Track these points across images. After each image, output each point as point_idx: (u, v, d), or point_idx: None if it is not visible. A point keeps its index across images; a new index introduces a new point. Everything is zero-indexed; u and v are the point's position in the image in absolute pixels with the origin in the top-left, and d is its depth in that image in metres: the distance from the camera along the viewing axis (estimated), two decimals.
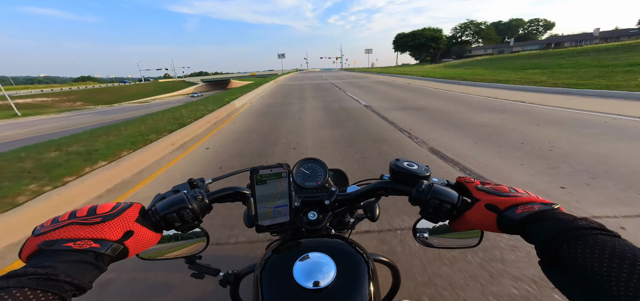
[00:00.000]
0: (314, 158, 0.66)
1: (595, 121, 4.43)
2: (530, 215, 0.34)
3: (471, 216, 0.40)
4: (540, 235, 0.31)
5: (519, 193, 0.38)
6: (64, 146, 3.90)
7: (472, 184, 0.43)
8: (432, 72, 21.15)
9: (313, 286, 0.39)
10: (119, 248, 0.35)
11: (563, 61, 18.97)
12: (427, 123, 4.97)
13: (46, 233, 0.32)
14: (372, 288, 0.42)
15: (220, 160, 3.53)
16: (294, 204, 0.51)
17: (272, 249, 0.50)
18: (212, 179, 0.55)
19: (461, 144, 3.65)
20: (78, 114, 28.85)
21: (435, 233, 0.53)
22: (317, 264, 0.42)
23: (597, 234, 0.27)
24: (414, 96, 9.02)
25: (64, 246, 0.31)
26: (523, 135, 3.87)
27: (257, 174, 0.44)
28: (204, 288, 1.39)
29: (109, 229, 0.34)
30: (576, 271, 0.26)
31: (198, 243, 0.55)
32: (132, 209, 0.38)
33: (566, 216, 0.31)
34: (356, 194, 0.55)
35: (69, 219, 0.34)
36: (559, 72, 13.46)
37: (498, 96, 7.86)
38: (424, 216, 0.46)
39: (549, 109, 5.65)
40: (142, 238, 0.38)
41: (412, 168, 0.49)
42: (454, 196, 0.43)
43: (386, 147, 3.66)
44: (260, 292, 0.43)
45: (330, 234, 0.56)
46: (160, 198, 0.44)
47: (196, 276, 0.60)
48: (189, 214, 0.41)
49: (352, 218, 0.72)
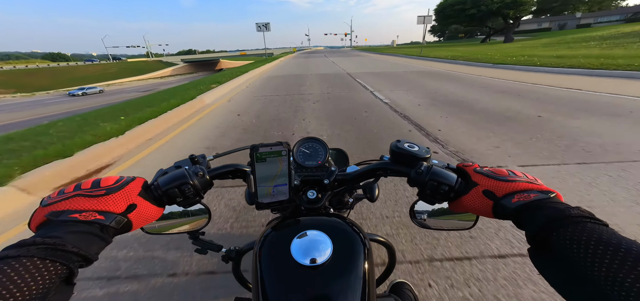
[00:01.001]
0: (314, 137, 0.66)
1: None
2: (525, 204, 0.34)
3: (468, 201, 0.41)
4: (532, 223, 0.32)
5: (518, 177, 0.38)
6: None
7: (471, 168, 0.43)
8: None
9: (310, 263, 0.40)
10: (123, 221, 0.35)
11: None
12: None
13: (53, 203, 0.33)
14: (366, 267, 0.43)
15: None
16: (294, 182, 0.52)
17: (271, 226, 0.51)
18: (213, 155, 0.56)
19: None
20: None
21: (432, 215, 0.55)
22: (314, 242, 0.43)
23: (586, 222, 0.28)
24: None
25: (70, 217, 0.31)
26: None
27: (257, 152, 0.43)
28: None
29: (113, 202, 0.35)
30: (563, 258, 0.27)
31: (200, 219, 0.57)
32: (135, 183, 0.39)
33: (559, 205, 0.32)
34: (355, 175, 0.56)
35: (74, 191, 0.35)
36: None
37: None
38: (422, 198, 0.46)
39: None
40: (145, 212, 0.39)
41: (412, 149, 0.49)
42: (452, 179, 0.43)
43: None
44: (259, 268, 0.44)
45: (329, 213, 0.57)
46: (162, 173, 0.45)
47: (199, 251, 0.63)
48: (190, 190, 0.42)
49: (351, 198, 0.73)
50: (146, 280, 1.38)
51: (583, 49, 17.14)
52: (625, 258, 0.23)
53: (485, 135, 3.31)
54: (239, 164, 0.52)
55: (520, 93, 5.79)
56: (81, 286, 1.34)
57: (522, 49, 21.01)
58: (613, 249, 0.24)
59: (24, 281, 0.24)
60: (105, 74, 51.26)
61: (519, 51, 18.25)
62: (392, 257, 0.74)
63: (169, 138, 3.69)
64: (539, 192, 0.35)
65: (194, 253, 0.68)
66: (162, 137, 3.70)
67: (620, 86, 5.91)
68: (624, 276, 0.22)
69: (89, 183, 0.36)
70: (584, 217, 0.29)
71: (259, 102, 5.79)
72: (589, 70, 7.95)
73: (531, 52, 16.92)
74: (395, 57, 24.00)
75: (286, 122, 4.23)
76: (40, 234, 0.30)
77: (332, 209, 0.62)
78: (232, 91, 7.36)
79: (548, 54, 13.90)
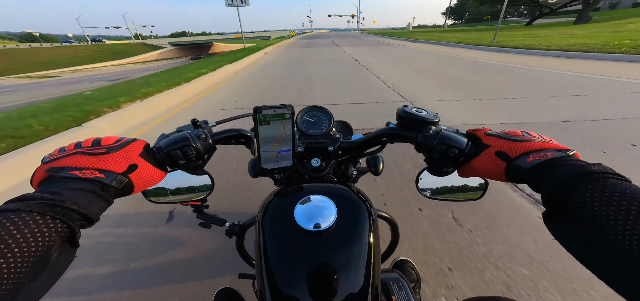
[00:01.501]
0: (319, 106, 0.64)
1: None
2: (542, 163, 0.32)
3: (478, 164, 0.39)
4: (550, 182, 0.30)
5: (533, 137, 0.36)
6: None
7: (482, 131, 0.41)
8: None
9: (314, 228, 0.39)
10: (124, 181, 0.34)
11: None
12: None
13: (54, 160, 0.32)
14: (372, 238, 0.42)
15: None
16: (298, 149, 0.51)
17: (274, 193, 0.50)
18: (216, 121, 0.54)
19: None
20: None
21: (438, 185, 0.53)
22: (318, 207, 0.42)
23: (608, 178, 0.26)
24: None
25: (70, 174, 0.30)
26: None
27: (260, 114, 0.42)
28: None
29: (113, 161, 0.34)
30: (582, 219, 0.25)
31: (203, 191, 0.56)
32: (136, 144, 0.38)
33: (579, 162, 0.30)
34: (360, 142, 0.55)
35: (74, 149, 0.34)
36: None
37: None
38: (429, 163, 0.46)
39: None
40: (146, 174, 0.37)
41: (420, 113, 0.48)
42: (463, 142, 0.41)
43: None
44: (262, 234, 0.43)
45: (333, 181, 0.56)
46: (164, 137, 0.44)
47: (203, 225, 0.64)
48: (192, 153, 0.42)
49: (355, 170, 0.72)
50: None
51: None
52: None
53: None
54: (242, 129, 0.51)
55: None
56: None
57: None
58: (637, 205, 0.22)
59: (23, 236, 0.23)
60: (74, 58, 43.66)
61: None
62: (396, 234, 0.74)
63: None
64: (555, 150, 0.33)
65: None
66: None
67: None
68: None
69: (89, 141, 0.35)
70: (606, 173, 0.27)
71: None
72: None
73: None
74: (441, 45, 14.68)
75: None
76: (41, 190, 0.28)
77: (336, 180, 0.60)
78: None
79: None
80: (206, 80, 6.04)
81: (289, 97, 4.68)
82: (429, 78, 5.93)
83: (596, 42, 9.45)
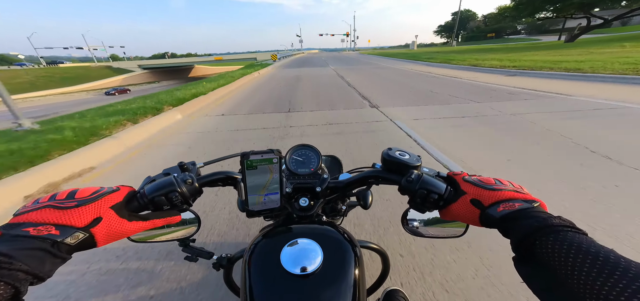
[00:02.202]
0: (307, 144, 0.65)
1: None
2: (510, 213, 0.35)
3: (456, 209, 0.42)
4: (516, 232, 0.33)
5: (503, 186, 0.40)
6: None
7: (460, 176, 0.44)
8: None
9: (300, 272, 0.40)
10: (81, 236, 0.33)
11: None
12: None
13: (22, 214, 0.32)
14: (357, 274, 0.43)
15: None
16: (285, 190, 0.53)
17: (261, 234, 0.50)
18: (203, 162, 0.55)
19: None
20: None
21: (423, 223, 0.55)
22: (305, 250, 0.43)
23: (567, 231, 0.29)
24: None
25: (22, 232, 0.30)
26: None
27: (248, 160, 0.43)
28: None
29: (77, 215, 0.33)
30: (545, 266, 0.28)
31: (190, 227, 0.55)
32: (116, 194, 0.38)
33: (542, 214, 0.33)
34: (347, 182, 0.56)
35: (48, 202, 0.33)
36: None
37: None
38: (412, 206, 0.47)
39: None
40: (112, 227, 0.36)
41: (403, 157, 0.50)
42: (442, 187, 0.44)
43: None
44: (248, 277, 0.43)
45: (321, 221, 0.56)
46: (149, 181, 0.44)
47: (190, 259, 0.61)
48: (178, 198, 0.41)
49: (344, 206, 0.72)
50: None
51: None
52: (603, 267, 0.24)
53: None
54: (229, 171, 0.52)
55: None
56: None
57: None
58: (591, 258, 0.25)
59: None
60: (10, 85, 37.66)
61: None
62: (386, 264, 0.75)
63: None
64: (523, 201, 0.36)
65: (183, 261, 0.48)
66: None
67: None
68: (601, 284, 0.23)
69: (65, 193, 0.35)
70: (565, 226, 0.30)
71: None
72: None
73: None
74: (497, 75, 9.14)
75: None
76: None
77: (324, 217, 0.61)
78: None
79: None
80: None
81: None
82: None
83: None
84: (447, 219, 0.45)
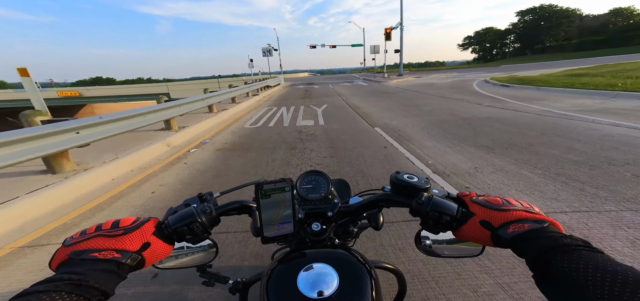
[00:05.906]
0: (316, 170, 0.67)
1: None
2: (521, 234, 0.36)
3: (468, 231, 0.42)
4: (530, 252, 0.34)
5: (512, 206, 0.40)
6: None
7: (468, 197, 0.44)
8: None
9: (317, 297, 0.40)
10: (137, 258, 0.38)
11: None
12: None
13: (75, 244, 0.37)
14: (374, 297, 0.44)
15: None
16: (298, 216, 0.54)
17: (277, 260, 0.52)
18: (220, 192, 0.58)
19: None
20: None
21: (437, 242, 0.54)
22: (321, 274, 0.44)
23: (580, 250, 0.30)
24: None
25: (90, 256, 0.35)
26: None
27: (262, 189, 0.46)
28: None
29: (129, 241, 0.38)
30: (566, 284, 0.29)
31: (208, 252, 0.57)
32: (150, 223, 0.43)
33: (553, 234, 0.34)
34: (358, 206, 0.57)
35: (95, 232, 0.38)
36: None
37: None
38: (425, 228, 0.47)
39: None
40: (157, 250, 0.41)
41: (412, 180, 0.51)
42: (453, 208, 0.44)
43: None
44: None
45: (334, 244, 0.58)
46: (172, 212, 0.47)
47: (207, 284, 0.63)
48: (198, 228, 0.44)
49: (355, 228, 0.73)
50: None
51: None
52: (625, 284, 0.25)
53: None
54: (244, 201, 0.55)
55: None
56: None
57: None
58: (611, 276, 0.26)
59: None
60: None
61: None
62: (402, 284, 0.74)
63: None
64: (533, 222, 0.37)
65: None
66: None
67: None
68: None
69: (109, 223, 0.40)
70: (577, 246, 0.30)
71: None
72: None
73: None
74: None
75: None
76: (64, 271, 0.33)
77: (337, 240, 0.62)
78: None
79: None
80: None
81: None
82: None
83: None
84: (461, 239, 0.45)
